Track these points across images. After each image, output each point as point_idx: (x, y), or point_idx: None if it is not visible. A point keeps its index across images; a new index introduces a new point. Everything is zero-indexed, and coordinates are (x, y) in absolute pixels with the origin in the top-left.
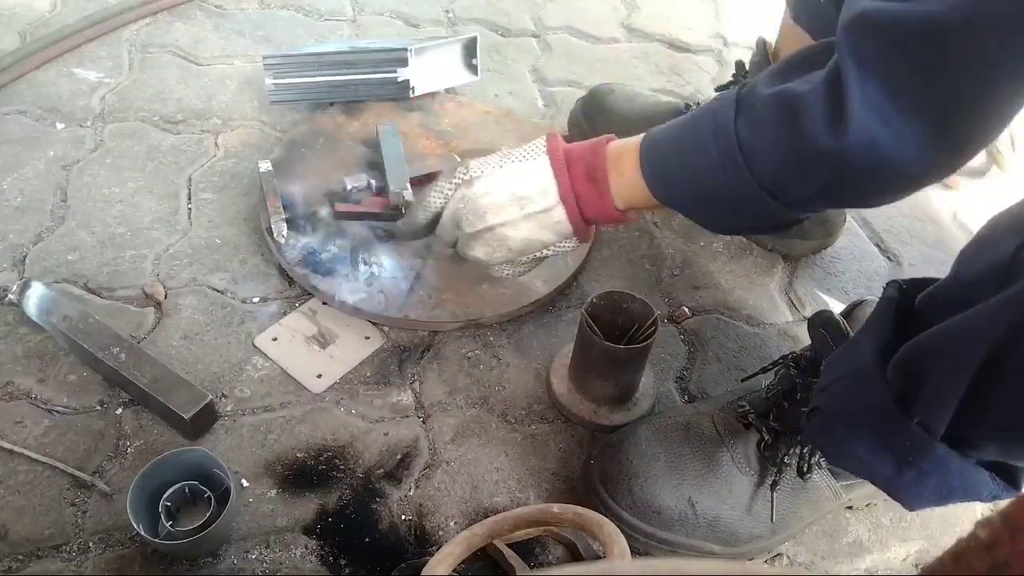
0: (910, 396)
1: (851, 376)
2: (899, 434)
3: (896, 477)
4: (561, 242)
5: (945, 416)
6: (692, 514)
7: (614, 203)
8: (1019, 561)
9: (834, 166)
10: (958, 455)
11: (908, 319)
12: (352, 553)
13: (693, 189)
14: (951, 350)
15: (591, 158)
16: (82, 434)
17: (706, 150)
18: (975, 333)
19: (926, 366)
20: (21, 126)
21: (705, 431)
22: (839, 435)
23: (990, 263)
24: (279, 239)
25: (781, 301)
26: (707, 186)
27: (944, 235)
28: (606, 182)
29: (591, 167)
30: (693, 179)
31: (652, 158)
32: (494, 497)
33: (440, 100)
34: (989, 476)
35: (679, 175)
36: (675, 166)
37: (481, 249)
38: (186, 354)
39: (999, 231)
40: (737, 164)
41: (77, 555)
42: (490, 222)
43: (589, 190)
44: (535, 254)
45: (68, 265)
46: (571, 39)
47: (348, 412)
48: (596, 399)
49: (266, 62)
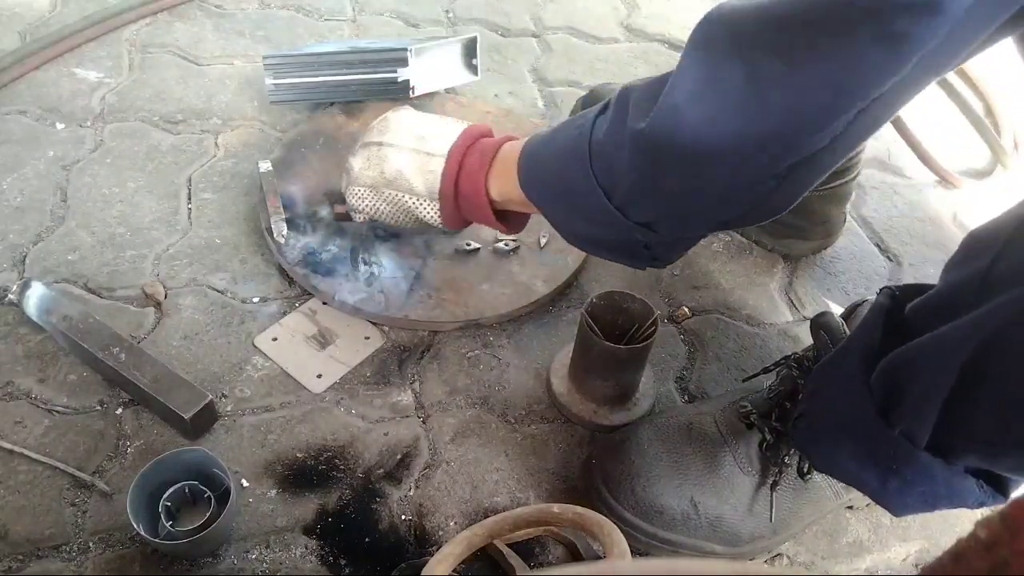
0: (892, 406)
1: (835, 384)
2: (882, 444)
3: (881, 486)
4: (425, 199)
5: (927, 427)
6: (695, 514)
7: (488, 185)
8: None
9: (639, 147)
10: (943, 463)
11: (898, 327)
12: (352, 553)
13: (548, 182)
14: (929, 363)
15: (492, 141)
16: (82, 434)
17: (566, 144)
18: (951, 348)
19: (907, 378)
20: (21, 126)
21: (707, 431)
22: (824, 442)
23: (968, 276)
24: (279, 239)
25: (781, 301)
26: (559, 178)
27: (944, 235)
28: (490, 164)
29: (486, 147)
30: (550, 171)
31: (527, 151)
32: (494, 497)
33: (440, 100)
34: (976, 483)
35: (541, 167)
36: (540, 159)
37: (360, 160)
38: (186, 354)
39: (979, 244)
40: (583, 156)
41: (77, 555)
42: (384, 139)
43: (473, 162)
44: (397, 196)
45: (68, 265)
46: (571, 39)
47: (348, 412)
48: (596, 399)
49: (266, 62)
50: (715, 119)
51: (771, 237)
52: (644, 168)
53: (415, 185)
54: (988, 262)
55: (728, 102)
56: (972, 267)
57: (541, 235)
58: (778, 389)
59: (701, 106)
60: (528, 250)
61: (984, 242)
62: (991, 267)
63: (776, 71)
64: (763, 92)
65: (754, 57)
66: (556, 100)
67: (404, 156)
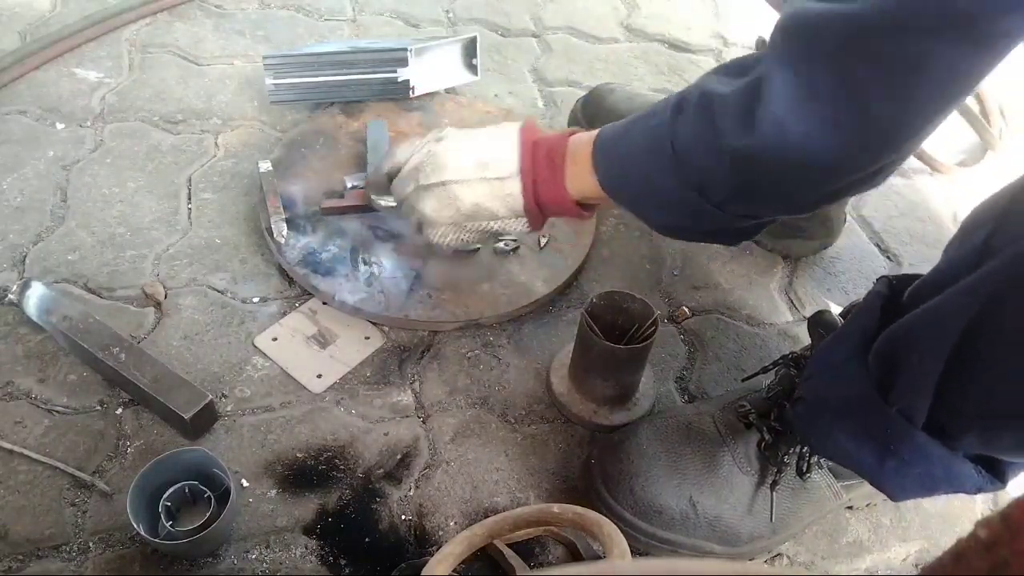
0: (889, 384)
1: (834, 365)
2: (880, 422)
3: (878, 466)
4: (510, 219)
5: (924, 403)
6: (693, 514)
7: (568, 190)
8: (1019, 561)
9: (742, 165)
10: (940, 444)
11: (896, 311)
12: (352, 553)
13: (633, 181)
14: (925, 336)
15: (554, 143)
16: (82, 434)
17: (645, 144)
18: (946, 317)
19: (903, 353)
20: (21, 126)
21: (706, 431)
22: (823, 424)
23: (965, 253)
24: (279, 239)
25: (781, 301)
26: (645, 179)
27: (944, 235)
28: (563, 168)
29: (552, 151)
30: (633, 171)
31: (602, 148)
32: (494, 497)
33: (440, 100)
34: (974, 468)
35: (621, 167)
36: (619, 157)
37: (430, 204)
38: (186, 354)
39: (976, 222)
40: (668, 159)
41: (77, 555)
42: (446, 177)
43: (546, 171)
44: (481, 225)
45: (68, 265)
46: (571, 39)
47: (348, 412)
48: (596, 399)
49: (266, 62)
50: (819, 132)
51: (771, 237)
52: (747, 178)
53: (497, 211)
54: (984, 235)
55: (828, 114)
56: (969, 244)
57: (541, 235)
58: (777, 389)
59: (803, 120)
60: (528, 250)
61: (980, 219)
62: (987, 240)
63: (872, 79)
64: (863, 102)
65: (848, 66)
66: (556, 100)
67: (475, 189)
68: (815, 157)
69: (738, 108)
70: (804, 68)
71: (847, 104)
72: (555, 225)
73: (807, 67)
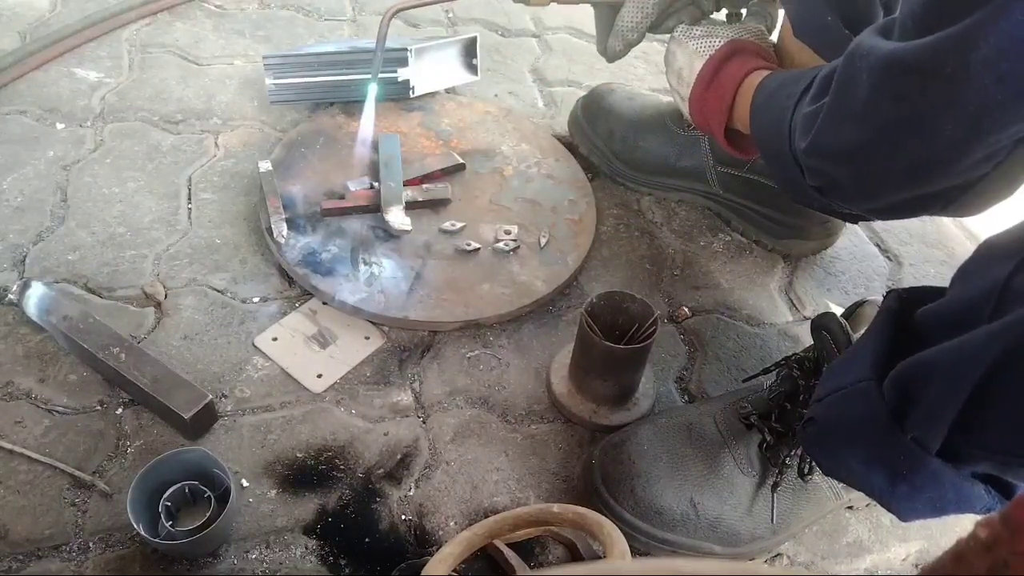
0: (905, 412)
1: (847, 389)
2: (893, 448)
3: (889, 490)
4: (695, 59)
5: (939, 434)
6: (694, 514)
7: (729, 101)
8: (1019, 561)
9: (810, 164)
10: (952, 469)
11: (906, 332)
12: (352, 553)
13: (765, 134)
14: (947, 372)
15: (750, 56)
16: (82, 434)
17: (776, 116)
18: (970, 358)
19: (922, 385)
20: (21, 126)
21: (707, 431)
22: (833, 447)
23: (984, 286)
24: (279, 239)
25: (781, 301)
26: (772, 136)
27: (944, 235)
28: (741, 80)
29: (746, 59)
30: (766, 131)
31: (756, 101)
32: (494, 497)
33: (440, 100)
34: (984, 489)
35: (762, 115)
36: (763, 105)
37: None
38: (186, 354)
39: (994, 253)
40: (784, 137)
41: (77, 555)
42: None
43: (732, 68)
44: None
45: (68, 265)
46: (571, 39)
47: (348, 412)
48: (596, 399)
49: (266, 62)
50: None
51: (771, 237)
52: (819, 177)
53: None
54: (1007, 273)
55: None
56: (989, 277)
57: (541, 235)
58: (778, 390)
59: (834, 164)
60: (528, 250)
61: (1001, 251)
62: (1011, 278)
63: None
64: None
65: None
66: (556, 100)
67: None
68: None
69: (802, 118)
70: (858, 104)
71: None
72: (555, 225)
73: (861, 104)
